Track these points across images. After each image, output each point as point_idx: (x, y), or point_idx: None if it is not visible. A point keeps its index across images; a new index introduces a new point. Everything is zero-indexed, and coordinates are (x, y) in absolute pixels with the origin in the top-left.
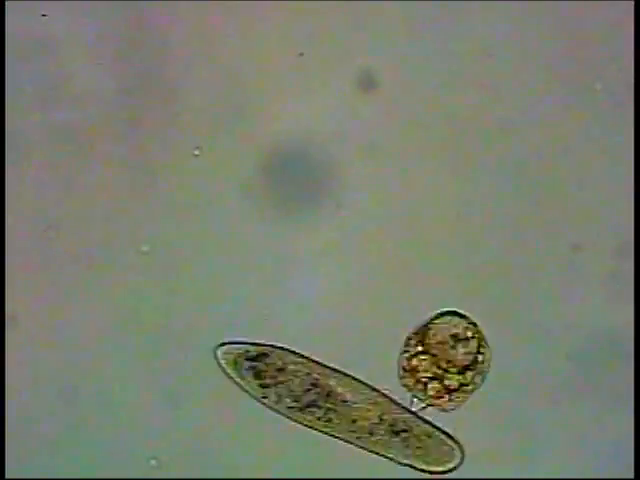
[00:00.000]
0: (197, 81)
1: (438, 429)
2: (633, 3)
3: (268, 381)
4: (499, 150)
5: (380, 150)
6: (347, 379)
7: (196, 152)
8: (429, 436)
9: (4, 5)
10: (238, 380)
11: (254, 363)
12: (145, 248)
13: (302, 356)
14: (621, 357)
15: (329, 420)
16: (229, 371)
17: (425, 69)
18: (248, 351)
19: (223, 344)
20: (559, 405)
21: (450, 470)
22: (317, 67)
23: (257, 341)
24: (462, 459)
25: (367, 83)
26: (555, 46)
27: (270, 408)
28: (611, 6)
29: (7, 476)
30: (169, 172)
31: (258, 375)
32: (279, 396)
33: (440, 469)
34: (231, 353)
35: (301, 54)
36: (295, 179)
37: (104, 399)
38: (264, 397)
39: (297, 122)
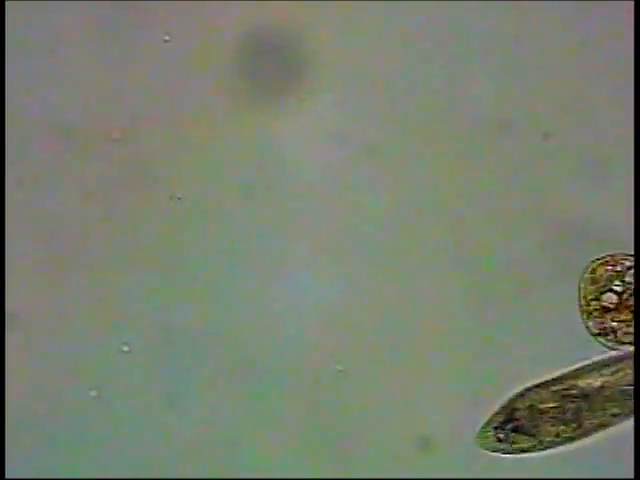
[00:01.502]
0: None
1: None
2: (633, 3)
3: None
4: None
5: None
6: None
7: (166, 38)
8: None
9: (4, 5)
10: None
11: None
12: (116, 136)
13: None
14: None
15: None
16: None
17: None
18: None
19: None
20: (531, 293)
21: None
22: None
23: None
24: None
25: None
26: (555, 46)
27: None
28: (611, 6)
29: (7, 476)
30: (138, 60)
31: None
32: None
33: None
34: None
35: None
36: (269, 66)
37: (104, 399)
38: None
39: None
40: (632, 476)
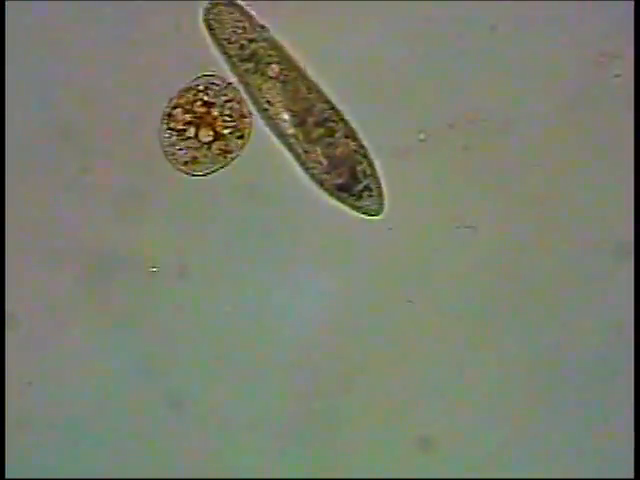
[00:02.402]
0: None
1: None
2: (633, 3)
3: None
4: None
5: None
6: None
7: None
8: None
9: (4, 5)
10: None
11: None
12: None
13: None
14: None
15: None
16: None
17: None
18: None
19: None
20: None
21: None
22: None
23: None
24: None
25: None
26: (554, 46)
27: None
28: (611, 6)
29: (7, 476)
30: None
31: None
32: None
33: None
34: None
35: None
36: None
37: (104, 399)
38: None
39: None
40: (632, 476)
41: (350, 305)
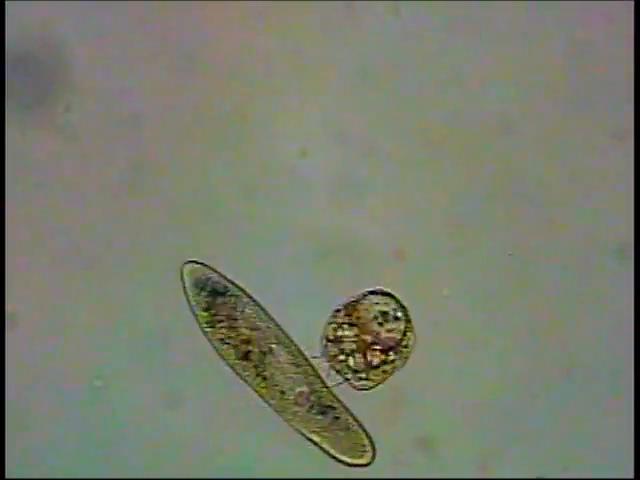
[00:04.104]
0: None
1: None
2: (633, 3)
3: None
4: None
5: None
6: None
7: None
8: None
9: (4, 5)
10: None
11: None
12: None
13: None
14: None
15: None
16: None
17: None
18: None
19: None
20: None
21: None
22: None
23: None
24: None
25: None
26: (554, 46)
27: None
28: (611, 6)
29: (7, 476)
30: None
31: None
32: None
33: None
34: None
35: None
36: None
37: (103, 399)
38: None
39: None
40: (632, 476)
41: None
